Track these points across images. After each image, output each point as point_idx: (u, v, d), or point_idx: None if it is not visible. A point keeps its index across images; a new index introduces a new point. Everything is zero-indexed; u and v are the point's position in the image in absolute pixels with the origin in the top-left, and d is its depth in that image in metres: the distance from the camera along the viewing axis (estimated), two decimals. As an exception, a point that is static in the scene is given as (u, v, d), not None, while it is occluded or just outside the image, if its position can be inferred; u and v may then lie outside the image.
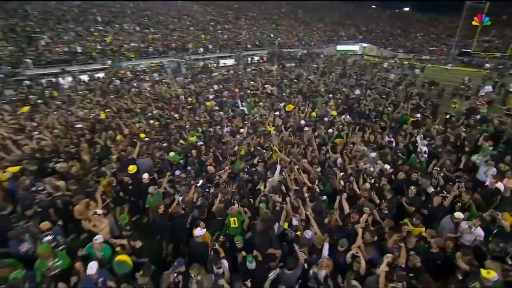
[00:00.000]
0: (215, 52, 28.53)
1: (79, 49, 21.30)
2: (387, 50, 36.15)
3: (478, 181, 6.47)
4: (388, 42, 39.81)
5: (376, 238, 4.33)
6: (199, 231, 4.30)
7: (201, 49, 27.90)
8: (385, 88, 14.72)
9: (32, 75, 17.27)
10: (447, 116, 10.10)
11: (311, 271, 3.74)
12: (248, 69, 23.30)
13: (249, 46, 31.74)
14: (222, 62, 27.03)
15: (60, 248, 4.32)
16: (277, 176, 5.73)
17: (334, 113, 10.11)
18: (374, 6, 55.46)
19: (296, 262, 3.79)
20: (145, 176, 5.83)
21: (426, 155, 7.41)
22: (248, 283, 3.49)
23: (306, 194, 5.11)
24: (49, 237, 4.17)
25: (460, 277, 3.72)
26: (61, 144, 7.43)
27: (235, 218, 4.61)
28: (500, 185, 5.72)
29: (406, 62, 27.34)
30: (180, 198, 5.24)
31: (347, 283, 3.45)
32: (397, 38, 41.44)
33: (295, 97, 12.00)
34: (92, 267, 3.67)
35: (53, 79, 17.37)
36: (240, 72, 20.32)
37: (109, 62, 20.91)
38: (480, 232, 4.35)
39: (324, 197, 5.26)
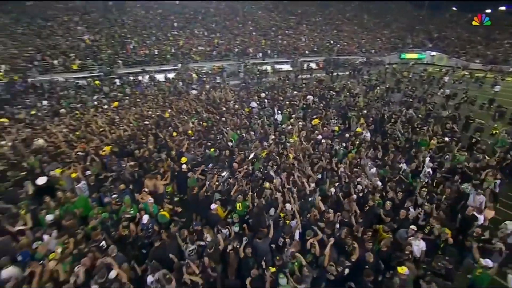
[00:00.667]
0: (273, 57, 30.10)
1: (156, 52, 25.59)
2: (460, 60, 32.99)
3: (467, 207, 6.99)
4: (463, 51, 36.05)
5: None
6: (213, 206, 6.41)
7: (260, 54, 29.76)
8: (427, 107, 14.51)
9: (120, 73, 21.80)
10: (473, 141, 10.00)
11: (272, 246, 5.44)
12: (301, 76, 24.42)
13: (307, 52, 32.41)
14: (278, 67, 28.35)
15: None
16: (276, 179, 7.41)
17: (359, 129, 10.99)
18: (454, 8, 49.34)
19: (266, 234, 5.51)
20: (184, 166, 8.06)
21: (429, 176, 8.08)
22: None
23: (295, 194, 6.71)
24: (115, 195, 6.65)
25: (388, 276, 4.96)
26: (136, 134, 10.28)
27: (240, 204, 6.55)
28: (480, 217, 6.31)
29: (478, 75, 24.22)
30: (207, 183, 7.33)
31: (293, 257, 5.04)
32: (476, 46, 37.12)
33: (327, 111, 13.07)
34: (144, 219, 6.00)
35: (134, 78, 21.55)
36: (287, 80, 21.62)
37: (179, 65, 24.59)
38: (422, 244, 5.32)
39: (310, 198, 6.75)
